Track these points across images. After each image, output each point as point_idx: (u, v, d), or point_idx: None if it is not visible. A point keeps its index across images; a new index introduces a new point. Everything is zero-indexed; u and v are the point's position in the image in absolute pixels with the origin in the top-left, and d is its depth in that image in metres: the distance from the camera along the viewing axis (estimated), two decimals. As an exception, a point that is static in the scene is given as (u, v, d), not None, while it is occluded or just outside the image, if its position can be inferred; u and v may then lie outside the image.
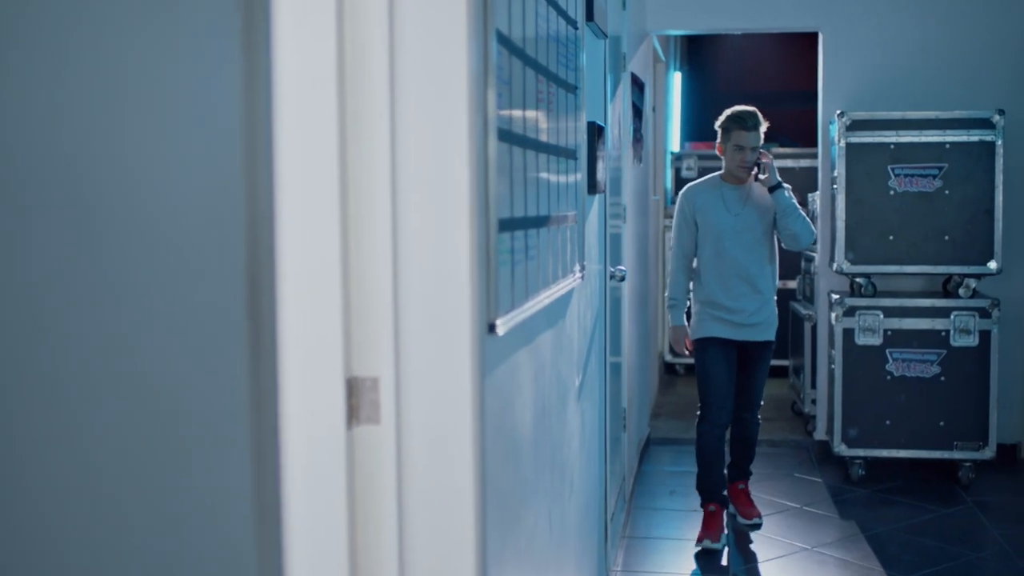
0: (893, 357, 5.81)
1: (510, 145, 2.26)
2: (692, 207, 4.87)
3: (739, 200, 4.83)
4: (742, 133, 4.72)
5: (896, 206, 5.84)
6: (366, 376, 1.97)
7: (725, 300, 4.81)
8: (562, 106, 2.98)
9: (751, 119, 4.73)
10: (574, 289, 3.26)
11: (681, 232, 4.92)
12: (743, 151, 4.74)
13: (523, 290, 2.41)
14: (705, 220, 4.82)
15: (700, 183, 4.98)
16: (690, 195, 4.92)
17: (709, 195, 4.86)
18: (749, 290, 4.80)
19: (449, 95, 1.92)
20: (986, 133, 5.75)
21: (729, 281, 4.80)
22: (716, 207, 4.82)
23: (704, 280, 4.87)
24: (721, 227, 4.79)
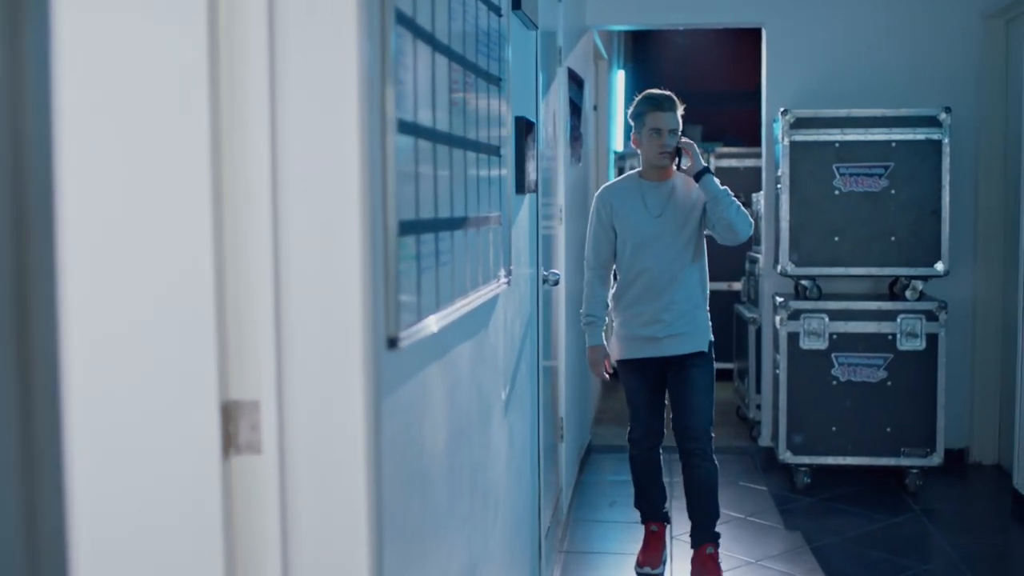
0: (839, 362, 5.65)
1: (415, 139, 2.03)
2: (609, 210, 4.33)
3: (661, 199, 4.27)
4: (658, 114, 4.21)
5: (841, 206, 5.69)
6: (245, 400, 1.74)
7: (645, 310, 4.28)
8: (484, 99, 2.76)
9: (666, 100, 4.23)
10: (499, 296, 3.05)
11: (598, 239, 4.36)
12: (660, 134, 4.21)
13: (433, 299, 2.18)
14: (624, 225, 4.28)
15: (617, 183, 4.45)
16: (606, 197, 4.38)
17: (627, 196, 4.31)
18: (672, 299, 4.27)
19: (337, 82, 1.70)
20: (932, 131, 5.61)
21: (651, 292, 4.27)
22: (636, 209, 4.27)
23: (622, 291, 4.35)
24: (642, 232, 4.25)
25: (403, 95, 1.94)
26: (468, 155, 2.55)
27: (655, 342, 4.29)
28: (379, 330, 1.82)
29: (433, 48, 2.19)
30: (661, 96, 4.25)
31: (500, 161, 3.00)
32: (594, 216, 4.38)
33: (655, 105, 4.22)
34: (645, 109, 4.24)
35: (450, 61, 2.35)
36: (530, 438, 3.80)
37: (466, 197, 2.52)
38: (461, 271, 2.46)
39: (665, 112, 4.20)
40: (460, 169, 2.46)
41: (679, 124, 4.24)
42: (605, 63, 8.80)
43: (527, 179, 3.47)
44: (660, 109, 4.20)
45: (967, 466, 6.20)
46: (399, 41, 1.91)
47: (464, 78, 2.51)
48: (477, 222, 2.66)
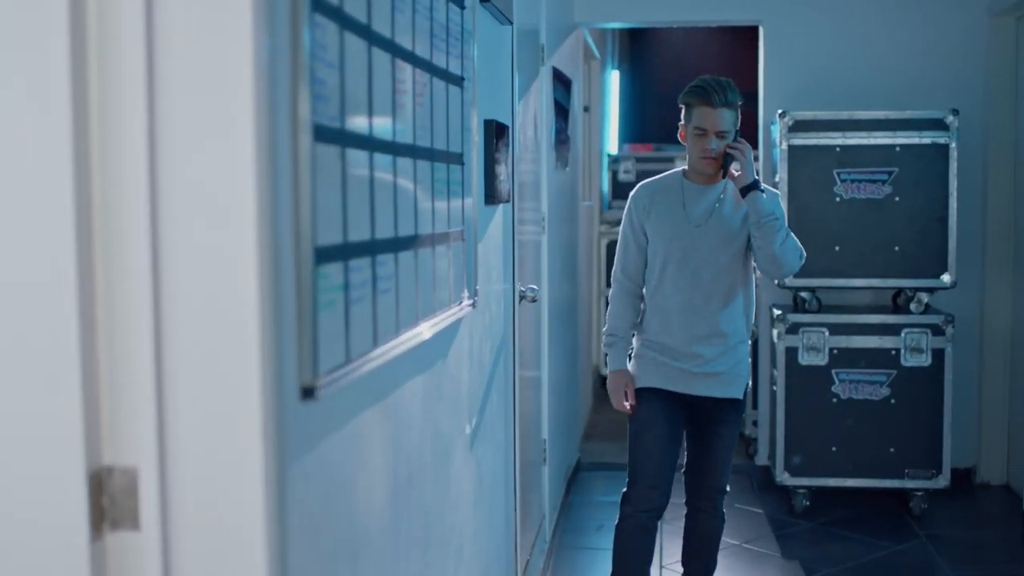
0: (839, 378, 5.35)
1: (342, 149, 1.73)
2: (642, 212, 3.61)
3: (706, 206, 3.54)
4: (705, 111, 3.46)
5: (842, 214, 5.39)
6: (120, 466, 1.44)
7: (675, 341, 3.55)
8: (440, 101, 2.46)
9: (719, 92, 3.45)
10: (461, 320, 2.74)
11: (626, 244, 3.66)
12: (705, 136, 3.47)
13: (369, 334, 1.88)
14: (658, 230, 3.57)
15: (657, 179, 3.70)
16: (641, 196, 3.65)
17: (666, 197, 3.59)
18: (710, 330, 3.53)
19: (228, 83, 1.39)
20: (939, 135, 5.31)
21: (683, 316, 3.54)
22: (673, 213, 3.56)
23: (648, 312, 3.63)
24: (678, 241, 3.54)
25: (324, 97, 1.63)
26: (419, 165, 2.24)
27: (687, 377, 3.56)
28: (288, 379, 1.51)
29: (369, 42, 1.88)
30: (713, 86, 3.46)
31: (464, 170, 2.69)
32: (625, 217, 3.69)
33: (704, 98, 3.45)
34: (693, 101, 3.50)
35: (394, 58, 2.05)
36: (504, 470, 3.50)
37: (416, 213, 2.21)
38: (409, 298, 2.15)
39: (715, 109, 3.44)
40: (408, 181, 2.15)
41: (733, 124, 3.49)
42: (598, 63, 8.50)
43: (498, 188, 3.16)
44: (709, 104, 3.44)
45: (974, 486, 5.89)
46: (318, 33, 1.61)
47: (414, 77, 2.20)
48: (431, 240, 2.35)
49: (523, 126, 3.96)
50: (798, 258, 3.52)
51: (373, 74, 1.90)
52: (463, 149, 2.69)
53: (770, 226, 3.43)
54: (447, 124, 2.52)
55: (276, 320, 1.45)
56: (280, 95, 1.48)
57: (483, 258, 3.06)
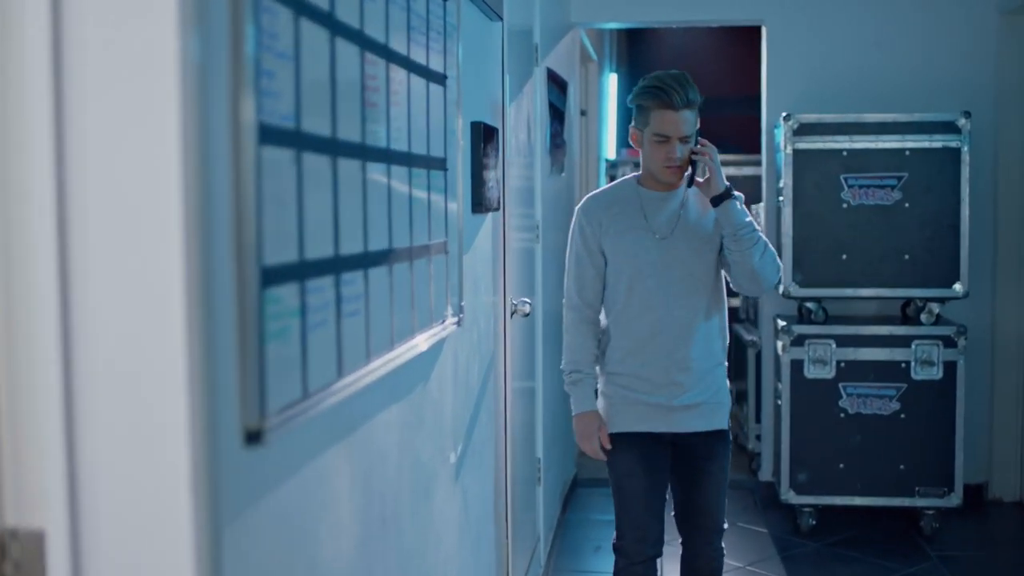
0: (847, 392, 5.13)
1: (297, 153, 1.51)
2: (597, 228, 3.14)
3: (669, 215, 3.12)
4: (667, 115, 3.01)
5: (850, 221, 5.16)
6: (25, 528, 1.22)
7: (649, 370, 3.10)
8: (420, 100, 2.24)
9: (679, 92, 3.00)
10: (445, 340, 2.52)
11: (581, 268, 3.16)
12: (667, 143, 3.03)
13: (333, 363, 1.66)
14: (618, 248, 3.11)
15: (606, 191, 3.24)
16: (592, 209, 3.17)
17: (623, 209, 3.13)
18: (685, 355, 3.11)
19: (146, 72, 1.18)
20: (951, 138, 5.09)
21: (657, 340, 3.10)
22: (634, 227, 3.11)
23: (615, 340, 3.15)
24: (643, 256, 3.09)
25: (273, 93, 1.42)
26: (395, 171, 2.03)
27: (665, 413, 3.11)
28: (227, 422, 1.29)
29: (332, 32, 1.66)
30: (672, 86, 3.01)
31: (446, 176, 2.47)
32: (576, 236, 3.18)
33: (664, 101, 3.00)
34: (649, 103, 3.04)
35: (364, 51, 1.83)
36: (494, 496, 3.28)
37: (390, 224, 1.99)
38: (382, 320, 1.93)
39: (678, 111, 3.00)
40: (379, 189, 1.93)
41: (695, 126, 3.06)
42: (595, 65, 8.29)
43: (486, 195, 2.95)
44: (671, 107, 3.00)
45: (986, 503, 5.66)
46: (266, 19, 1.39)
47: (388, 74, 1.98)
48: (409, 254, 2.13)
49: (514, 129, 3.75)
50: (776, 271, 3.13)
51: (337, 68, 1.68)
52: (446, 153, 2.47)
53: (748, 238, 3.03)
54: (427, 126, 2.30)
55: (210, 354, 1.23)
56: (215, 90, 1.26)
57: (470, 271, 2.84)
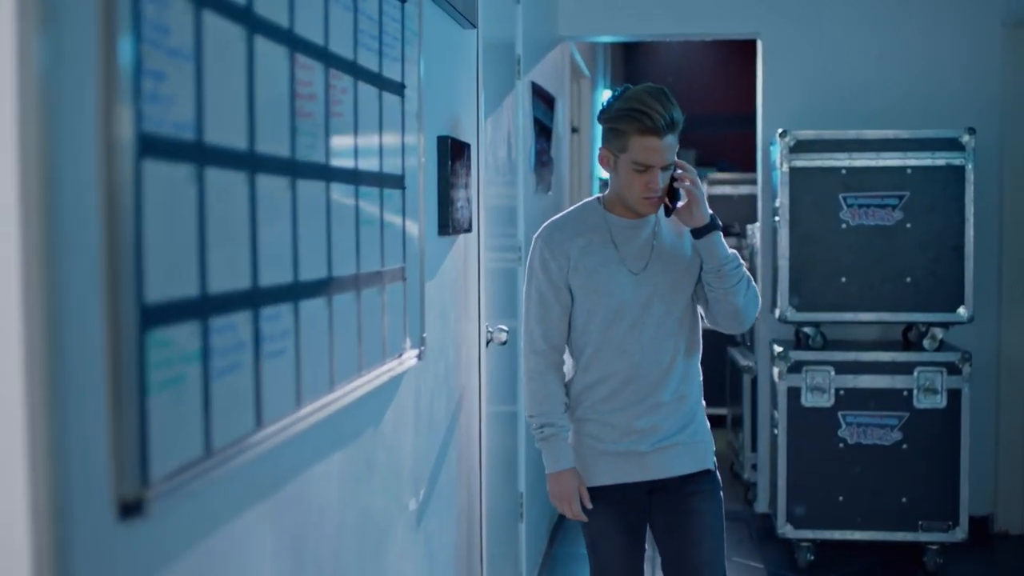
0: (846, 421, 4.90)
1: (199, 168, 1.28)
2: (563, 262, 2.74)
3: (642, 242, 2.75)
4: (648, 141, 2.60)
5: (849, 242, 4.94)
6: None
7: (622, 417, 2.76)
8: (370, 111, 2.01)
9: (662, 114, 2.59)
10: (403, 376, 2.29)
11: (546, 307, 2.76)
12: (647, 172, 2.63)
13: (249, 412, 1.43)
14: (589, 286, 2.73)
15: (571, 217, 2.82)
16: (556, 241, 2.77)
17: (591, 241, 2.75)
18: (659, 399, 2.76)
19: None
20: (954, 156, 4.87)
21: (633, 384, 2.75)
22: (606, 262, 2.73)
23: (581, 386, 2.80)
24: (618, 295, 2.72)
25: (163, 98, 1.19)
26: (335, 190, 1.80)
27: (637, 459, 2.76)
28: (97, 493, 1.06)
29: (250, 30, 1.44)
30: (655, 108, 2.59)
31: (404, 195, 2.24)
32: (538, 270, 2.77)
33: (645, 126, 2.59)
34: (627, 128, 2.62)
35: (293, 53, 1.60)
36: (466, 540, 3.04)
37: (329, 249, 1.77)
38: (318, 358, 1.70)
39: (662, 138, 2.60)
40: (315, 211, 1.70)
41: (674, 151, 2.66)
42: (588, 81, 8.07)
43: (455, 216, 2.72)
44: (653, 133, 2.59)
45: (992, 537, 5.42)
46: (151, 11, 1.16)
47: (327, 80, 1.76)
48: (355, 282, 1.90)
49: (492, 145, 3.52)
50: (758, 306, 2.82)
51: (257, 72, 1.45)
52: (404, 170, 2.24)
53: (733, 274, 2.71)
54: (380, 140, 2.07)
55: (64, 411, 1.00)
56: (75, 96, 1.03)
57: (435, 298, 2.61)
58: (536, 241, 2.81)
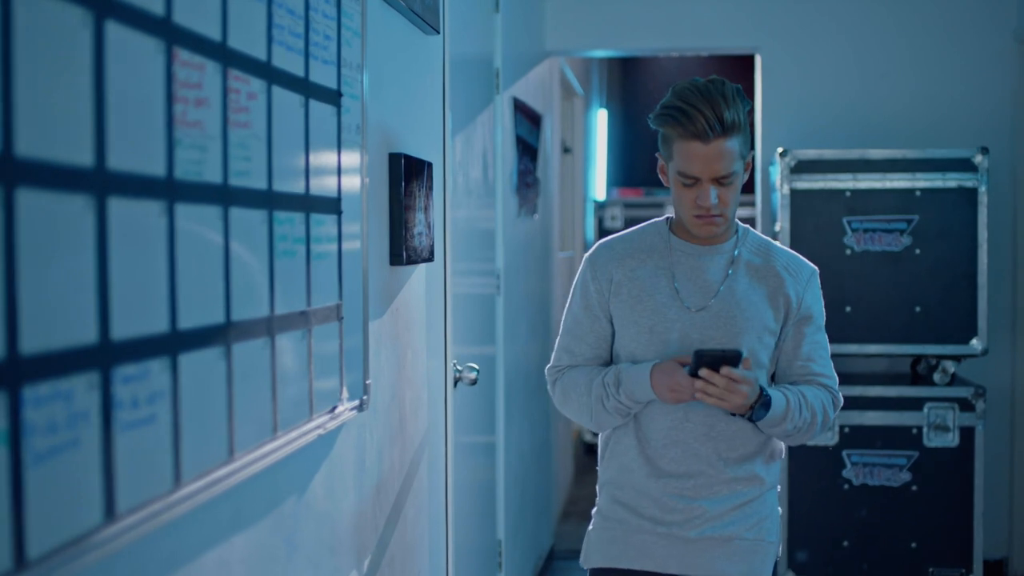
0: (851, 460, 4.58)
1: (3, 190, 0.97)
2: (605, 285, 2.33)
3: (710, 276, 2.30)
4: (693, 148, 2.18)
5: (854, 269, 4.63)
6: None
7: (658, 488, 2.29)
8: (291, 122, 1.70)
9: (711, 114, 2.16)
10: (339, 430, 1.97)
11: (577, 334, 2.37)
12: (696, 186, 2.21)
13: (92, 504, 1.12)
14: (630, 317, 2.30)
15: (627, 238, 2.40)
16: (601, 260, 2.36)
17: (643, 264, 2.33)
18: (715, 472, 2.28)
19: None
20: (966, 177, 4.56)
21: (670, 452, 2.29)
22: (656, 290, 2.29)
23: (617, 444, 2.35)
24: (662, 336, 2.27)
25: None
26: (237, 216, 1.49)
27: (680, 547, 2.29)
28: None
29: (97, 13, 1.12)
30: (700, 106, 2.16)
31: (341, 220, 1.93)
32: (577, 292, 2.39)
33: (688, 130, 2.18)
34: (670, 131, 2.23)
35: (171, 47, 1.29)
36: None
37: (227, 289, 1.45)
38: (209, 423, 1.39)
39: (708, 143, 2.17)
40: (203, 242, 1.39)
41: (743, 155, 2.22)
42: (582, 100, 7.78)
43: (410, 243, 2.40)
44: (697, 137, 2.17)
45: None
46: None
47: (225, 83, 1.45)
48: (267, 327, 1.59)
49: (463, 164, 3.21)
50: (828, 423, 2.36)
51: (108, 67, 1.14)
52: (340, 192, 1.93)
53: (803, 432, 2.28)
54: (306, 156, 1.76)
55: None
56: None
57: (386, 338, 2.30)
58: (584, 260, 2.41)
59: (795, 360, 2.34)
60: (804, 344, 2.34)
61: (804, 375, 2.34)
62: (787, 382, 2.34)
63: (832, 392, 2.37)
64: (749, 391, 2.14)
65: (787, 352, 2.34)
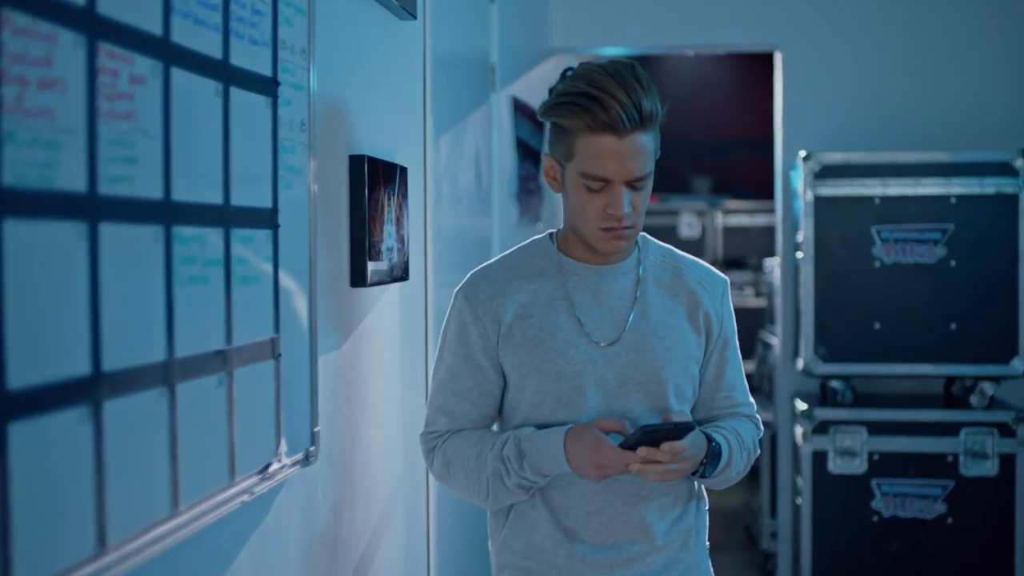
0: (881, 491, 4.25)
1: None
2: (492, 327, 1.90)
3: (615, 300, 1.92)
4: (600, 141, 1.79)
5: (884, 282, 4.29)
6: None
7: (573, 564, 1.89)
8: (198, 113, 1.36)
9: (620, 100, 1.75)
10: (280, 490, 1.63)
11: (457, 391, 1.91)
12: (605, 191, 1.82)
13: None
14: (525, 362, 1.88)
15: (507, 261, 1.98)
16: (482, 296, 1.91)
17: (534, 295, 1.91)
18: (656, 531, 1.91)
19: None
20: (1006, 182, 4.22)
21: (602, 514, 1.89)
22: (553, 323, 1.88)
23: (523, 515, 1.91)
24: (570, 382, 1.87)
25: None
26: (109, 233, 1.14)
27: None
28: None
29: None
30: (609, 89, 1.76)
31: (276, 237, 1.59)
32: (451, 341, 1.92)
33: (598, 118, 1.76)
34: (574, 123, 1.80)
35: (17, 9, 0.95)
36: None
37: (95, 330, 1.11)
38: (65, 510, 1.05)
39: (623, 137, 1.77)
40: (50, 268, 1.05)
41: (654, 155, 1.84)
42: (591, 102, 7.43)
43: (376, 260, 2.06)
44: (609, 129, 1.77)
45: (1048, 620, 4.72)
46: None
47: (92, 60, 1.10)
48: (162, 375, 1.25)
49: (450, 169, 2.87)
50: None
51: None
52: (276, 202, 1.58)
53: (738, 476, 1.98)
54: (224, 158, 1.41)
55: None
56: None
57: (344, 373, 1.95)
58: (455, 296, 1.94)
59: (718, 391, 2.00)
60: (727, 371, 2.00)
61: (728, 407, 2.00)
62: (707, 414, 2.00)
63: (755, 423, 2.05)
64: (695, 453, 1.80)
65: (708, 382, 1.99)
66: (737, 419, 1.99)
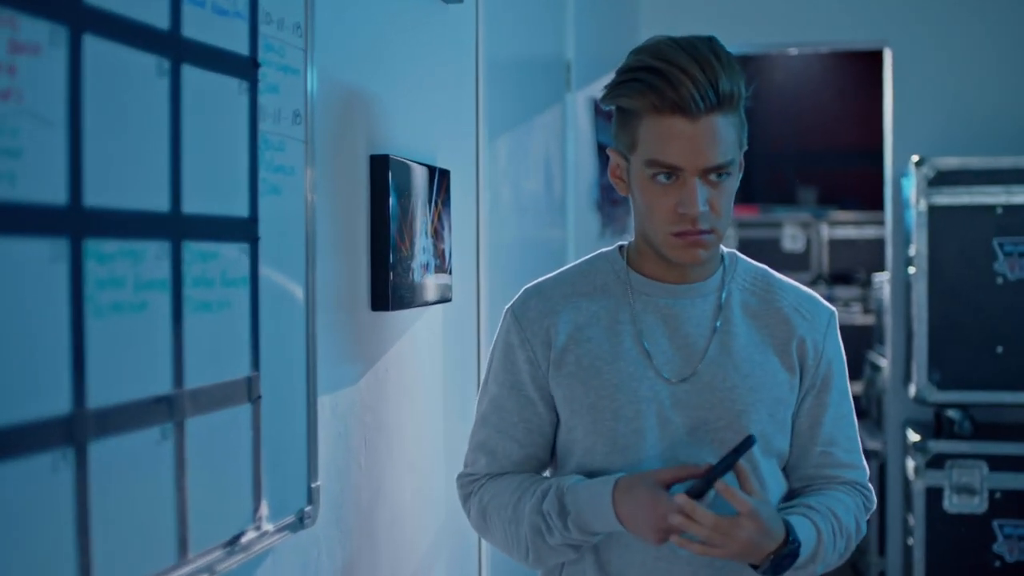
0: (1004, 533, 3.90)
1: None
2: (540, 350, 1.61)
3: (690, 325, 1.61)
4: (672, 123, 1.47)
5: (1007, 301, 3.95)
6: None
7: None
8: (121, 95, 1.08)
9: (701, 76, 1.45)
10: (261, 561, 1.34)
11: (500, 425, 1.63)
12: (676, 185, 1.50)
13: None
14: (580, 395, 1.59)
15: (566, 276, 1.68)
16: (530, 316, 1.63)
17: (594, 316, 1.62)
18: None
19: None
20: None
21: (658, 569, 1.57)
22: (615, 352, 1.59)
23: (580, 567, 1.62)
24: (630, 420, 1.57)
25: None
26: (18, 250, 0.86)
27: None
28: None
29: None
30: (682, 63, 1.45)
31: (256, 251, 1.30)
32: (498, 361, 1.65)
33: (666, 96, 1.46)
34: (639, 103, 1.49)
35: None
36: None
37: None
38: None
39: (696, 120, 1.47)
40: None
41: (739, 145, 1.54)
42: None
43: (404, 279, 1.76)
44: (680, 109, 1.47)
45: None
46: None
47: None
48: (66, 430, 0.96)
49: (508, 174, 2.56)
50: None
51: None
52: (254, 209, 1.29)
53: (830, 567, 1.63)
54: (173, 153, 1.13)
55: None
56: None
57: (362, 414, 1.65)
58: (505, 315, 1.67)
59: (812, 446, 1.65)
60: (825, 421, 1.65)
61: (825, 467, 1.65)
62: (799, 474, 1.66)
63: (864, 493, 1.68)
64: (751, 536, 1.44)
65: (800, 431, 1.65)
66: (836, 490, 1.63)
